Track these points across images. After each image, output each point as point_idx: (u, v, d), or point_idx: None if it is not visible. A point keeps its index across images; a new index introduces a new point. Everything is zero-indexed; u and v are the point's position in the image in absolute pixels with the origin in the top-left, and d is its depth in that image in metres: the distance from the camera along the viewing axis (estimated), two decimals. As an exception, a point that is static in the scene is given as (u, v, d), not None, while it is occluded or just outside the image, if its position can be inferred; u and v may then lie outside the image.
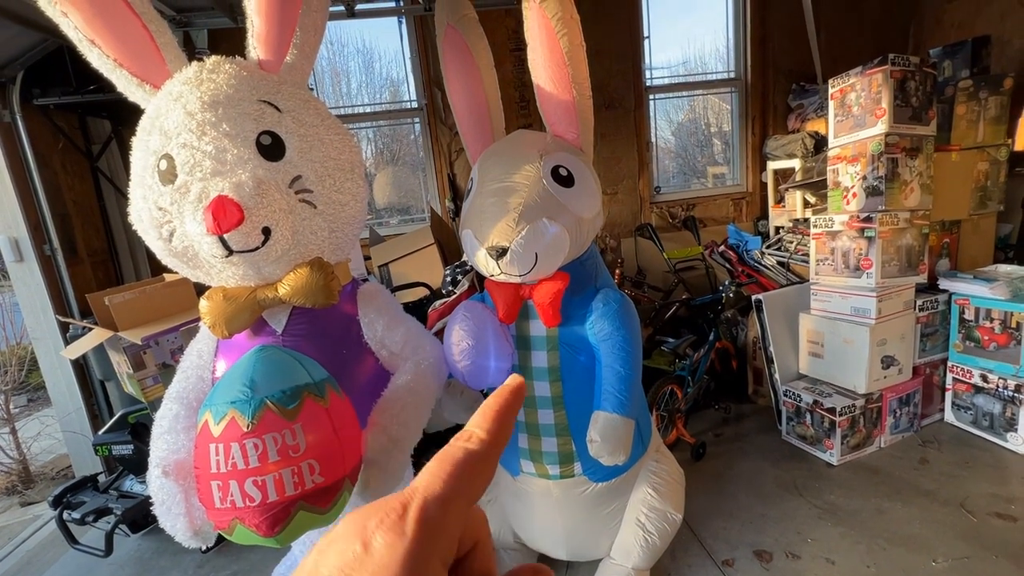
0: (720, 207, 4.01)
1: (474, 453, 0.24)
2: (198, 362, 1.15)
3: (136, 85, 1.04)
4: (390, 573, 0.19)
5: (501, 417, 0.25)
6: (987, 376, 2.13)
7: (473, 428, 0.25)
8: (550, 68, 1.21)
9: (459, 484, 0.22)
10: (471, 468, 0.23)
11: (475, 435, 0.25)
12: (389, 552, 0.20)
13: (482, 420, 0.25)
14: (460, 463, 0.23)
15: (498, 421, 0.25)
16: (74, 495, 1.97)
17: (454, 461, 0.23)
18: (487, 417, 0.25)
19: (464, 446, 0.24)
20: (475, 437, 0.24)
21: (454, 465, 0.23)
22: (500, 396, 0.26)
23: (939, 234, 2.34)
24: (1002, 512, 1.75)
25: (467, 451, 0.24)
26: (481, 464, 0.24)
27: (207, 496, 0.85)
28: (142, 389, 1.93)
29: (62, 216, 2.65)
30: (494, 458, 0.25)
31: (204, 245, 0.94)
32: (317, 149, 1.05)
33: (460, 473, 0.23)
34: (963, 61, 2.70)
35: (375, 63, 3.88)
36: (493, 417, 0.25)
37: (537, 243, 1.18)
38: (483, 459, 0.24)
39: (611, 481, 1.42)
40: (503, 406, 0.26)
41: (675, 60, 4.04)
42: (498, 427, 0.25)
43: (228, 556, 1.95)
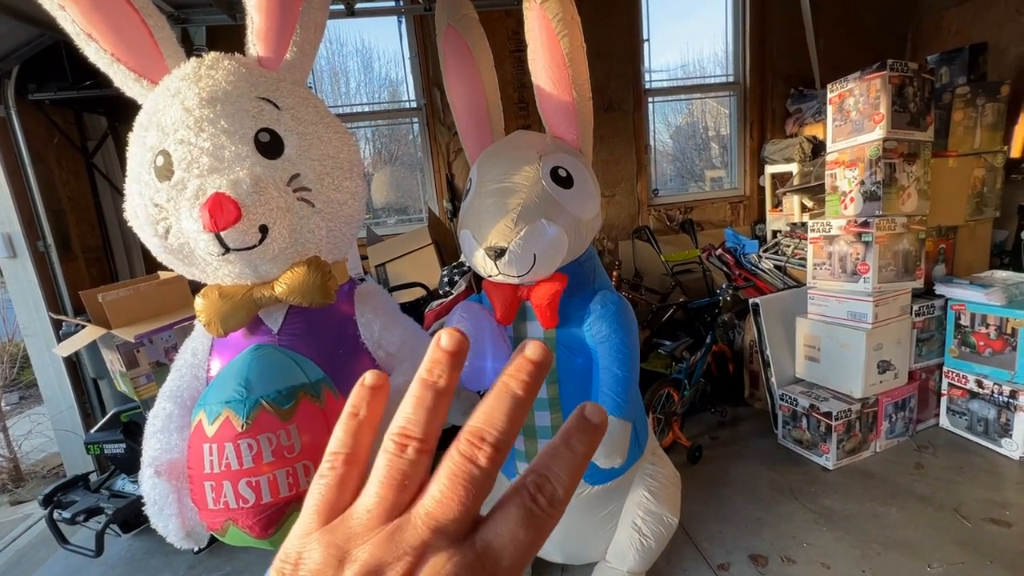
0: (718, 210, 4.02)
1: (555, 517, 0.24)
2: (192, 360, 1.14)
3: (133, 80, 1.03)
4: None
5: (580, 473, 0.25)
6: (982, 381, 2.14)
7: (557, 486, 0.24)
8: (550, 69, 1.20)
9: (535, 547, 0.23)
10: (550, 528, 0.24)
11: (558, 493, 0.24)
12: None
13: (566, 476, 0.24)
14: (545, 529, 0.23)
15: (578, 477, 0.25)
16: (65, 494, 1.95)
17: (541, 530, 0.23)
18: (572, 473, 0.25)
19: (549, 512, 0.24)
20: (559, 497, 0.24)
21: (539, 535, 0.23)
22: (583, 451, 0.25)
23: (936, 239, 2.35)
24: (996, 518, 1.75)
25: (552, 516, 0.24)
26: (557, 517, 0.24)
27: (200, 497, 0.84)
28: (135, 387, 1.91)
29: (56, 212, 2.63)
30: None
31: (200, 242, 0.93)
32: (316, 147, 1.04)
33: (541, 538, 0.23)
34: (960, 68, 2.72)
35: (374, 63, 3.87)
36: (575, 474, 0.25)
37: (536, 244, 1.17)
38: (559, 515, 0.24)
39: (607, 484, 1.41)
40: (583, 462, 0.25)
41: (674, 63, 4.05)
42: (576, 482, 0.25)
43: (220, 557, 1.93)
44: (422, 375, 0.26)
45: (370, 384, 0.28)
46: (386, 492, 0.24)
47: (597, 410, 0.26)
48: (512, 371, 0.25)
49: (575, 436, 0.25)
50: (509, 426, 0.24)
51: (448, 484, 0.23)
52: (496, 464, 0.24)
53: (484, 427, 0.24)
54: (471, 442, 0.24)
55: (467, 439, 0.24)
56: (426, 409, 0.25)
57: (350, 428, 0.27)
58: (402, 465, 0.24)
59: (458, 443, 0.24)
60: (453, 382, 0.26)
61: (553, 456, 0.24)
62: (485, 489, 0.23)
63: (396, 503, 0.24)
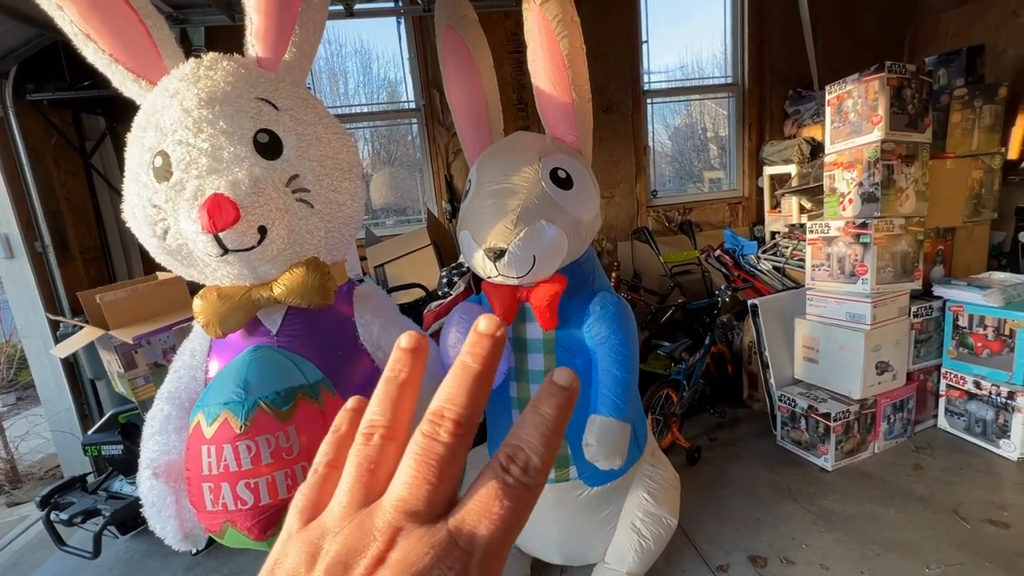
0: (717, 212, 4.03)
1: (534, 490, 0.23)
2: (190, 362, 1.13)
3: (132, 81, 1.03)
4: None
5: (557, 442, 0.24)
6: (980, 383, 2.14)
7: (531, 454, 0.23)
8: (550, 70, 1.20)
9: (517, 522, 0.23)
10: (530, 502, 0.23)
11: (531, 463, 0.23)
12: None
13: (539, 446, 0.24)
14: (522, 501, 0.23)
15: (555, 448, 0.24)
16: (62, 496, 1.95)
17: (516, 500, 0.23)
18: (546, 441, 0.24)
19: (523, 481, 0.23)
20: (531, 467, 0.23)
21: (516, 504, 0.23)
22: (558, 414, 0.25)
23: (934, 241, 2.35)
24: (995, 519, 1.75)
25: (528, 488, 0.23)
26: (536, 494, 0.23)
27: (198, 498, 0.84)
28: (133, 389, 1.90)
29: (54, 213, 2.62)
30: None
31: (199, 243, 0.93)
32: (315, 148, 1.04)
33: (521, 512, 0.23)
34: (958, 70, 2.73)
35: (373, 64, 3.87)
36: (551, 442, 0.24)
37: (535, 245, 1.17)
38: (539, 489, 0.24)
39: (606, 485, 1.41)
40: (560, 427, 0.25)
41: (673, 65, 4.06)
42: (553, 455, 0.24)
43: (218, 558, 1.93)
44: (385, 374, 0.27)
45: (352, 407, 0.30)
46: (355, 482, 0.24)
47: (565, 373, 0.25)
48: (467, 347, 0.26)
49: (544, 401, 0.24)
50: (469, 400, 0.24)
51: (413, 465, 0.23)
52: (460, 439, 0.23)
53: (444, 404, 0.24)
54: (432, 421, 0.24)
55: (429, 419, 0.24)
56: (390, 399, 0.26)
57: (332, 440, 0.29)
58: (369, 452, 0.25)
59: (421, 425, 0.24)
60: (415, 375, 0.27)
61: (523, 425, 0.24)
62: (452, 466, 0.23)
63: (367, 492, 0.24)
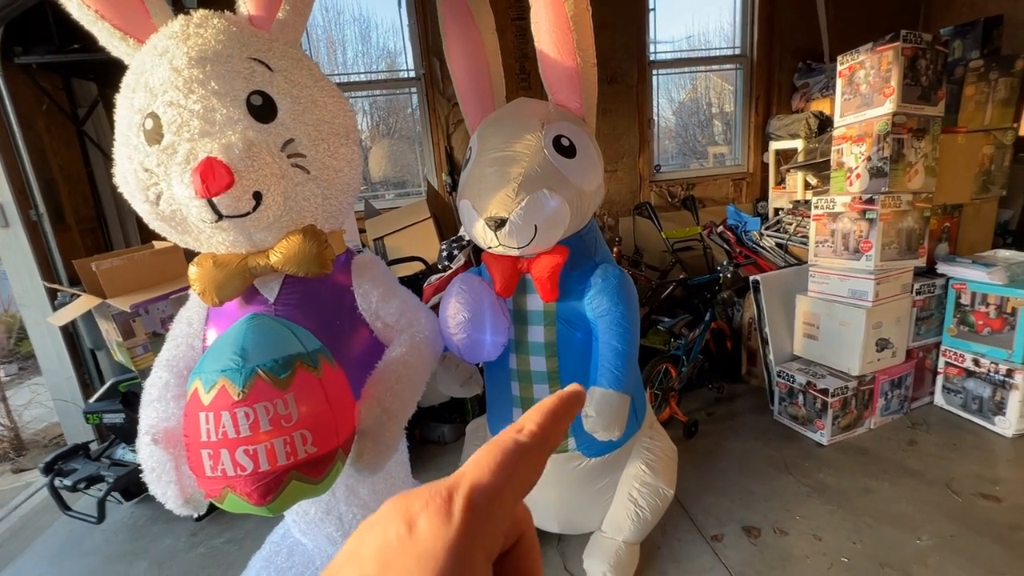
0: (720, 187, 3.98)
1: (524, 445, 0.23)
2: (188, 330, 1.12)
3: (119, 39, 0.99)
4: (433, 557, 0.18)
5: (556, 417, 0.25)
6: (979, 360, 2.15)
7: (526, 421, 0.24)
8: (554, 33, 1.16)
9: (508, 474, 0.21)
10: (520, 459, 0.22)
11: (527, 428, 0.23)
12: (433, 535, 0.19)
13: (536, 415, 0.24)
14: (510, 453, 0.22)
15: (552, 419, 0.24)
16: (65, 462, 1.97)
17: (504, 450, 0.22)
18: (542, 413, 0.24)
19: (515, 437, 0.23)
20: (526, 430, 0.23)
21: (504, 454, 0.22)
22: (558, 398, 0.26)
23: (940, 218, 2.32)
24: (987, 493, 1.78)
25: (517, 442, 0.23)
26: (531, 457, 0.23)
27: (197, 465, 0.84)
28: (132, 358, 1.91)
29: (48, 181, 2.58)
30: (544, 454, 0.23)
31: (192, 209, 0.91)
32: (311, 112, 1.00)
33: (509, 463, 0.22)
34: (974, 41, 2.64)
35: (372, 32, 3.76)
36: (547, 414, 0.24)
37: (537, 215, 1.15)
38: (533, 452, 0.23)
39: (605, 456, 1.42)
40: (559, 407, 0.25)
41: (679, 35, 3.94)
42: (552, 424, 0.24)
43: (221, 524, 1.96)
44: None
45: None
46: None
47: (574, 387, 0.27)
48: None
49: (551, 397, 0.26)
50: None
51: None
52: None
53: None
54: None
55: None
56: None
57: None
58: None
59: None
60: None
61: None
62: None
63: None
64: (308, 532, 1.25)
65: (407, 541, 0.19)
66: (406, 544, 0.19)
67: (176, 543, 1.91)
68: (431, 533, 0.19)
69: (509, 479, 0.21)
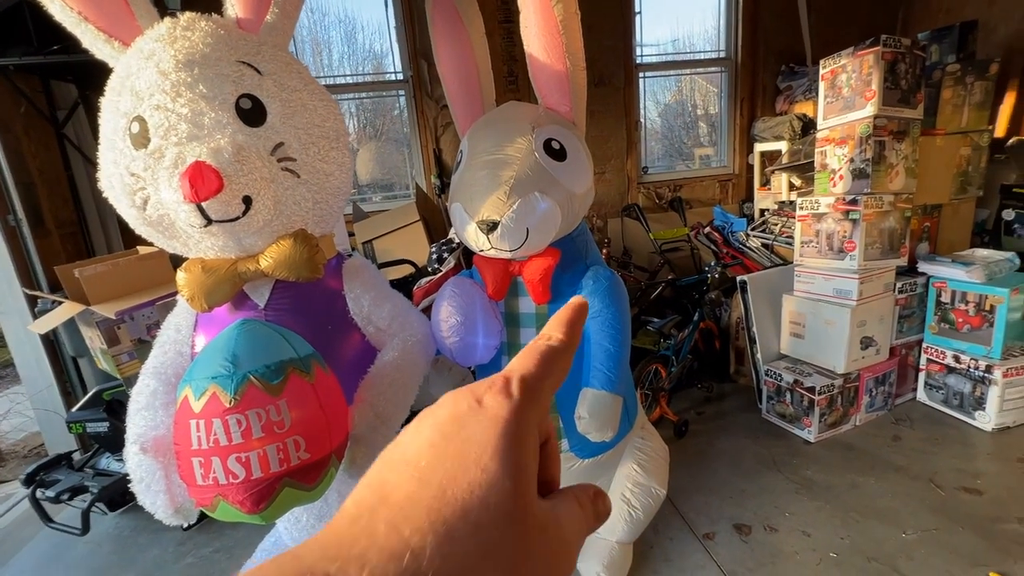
0: (707, 189, 4.02)
1: (555, 348, 0.27)
2: (176, 336, 1.11)
3: (103, 41, 0.97)
4: (501, 419, 0.23)
5: (572, 324, 0.29)
6: (960, 357, 2.20)
7: (551, 330, 0.28)
8: (543, 37, 1.17)
9: (548, 368, 0.26)
10: (554, 358, 0.27)
11: (554, 335, 0.28)
12: (498, 404, 0.23)
13: (558, 325, 0.28)
14: (546, 352, 0.27)
15: (571, 326, 0.29)
16: (47, 473, 1.92)
17: (540, 351, 0.27)
18: (562, 323, 0.29)
19: (546, 343, 0.27)
20: (555, 337, 0.28)
21: (542, 354, 0.26)
22: (570, 309, 0.30)
23: (920, 218, 2.37)
24: (968, 486, 1.82)
25: (550, 346, 0.27)
26: (561, 356, 0.27)
27: (188, 473, 0.82)
28: (117, 365, 1.87)
29: (26, 185, 2.52)
30: (570, 355, 0.28)
31: (181, 214, 0.90)
32: (300, 115, 1.00)
33: (546, 361, 0.26)
34: (950, 46, 2.72)
35: (358, 34, 3.74)
36: (567, 323, 0.29)
37: (529, 218, 1.15)
38: (562, 353, 0.27)
39: (598, 457, 1.43)
40: (572, 316, 0.29)
41: (665, 38, 3.98)
42: (572, 331, 0.28)
43: (210, 533, 1.93)
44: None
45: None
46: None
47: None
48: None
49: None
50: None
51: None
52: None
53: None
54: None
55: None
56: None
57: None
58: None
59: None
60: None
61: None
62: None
63: None
64: (300, 539, 1.24)
65: (477, 409, 0.23)
66: (476, 411, 0.23)
67: (163, 553, 1.87)
68: (496, 403, 0.23)
69: (548, 372, 0.26)
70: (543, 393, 0.25)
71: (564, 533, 0.24)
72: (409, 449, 0.23)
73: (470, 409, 0.23)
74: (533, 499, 0.23)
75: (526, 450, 0.23)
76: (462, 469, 0.21)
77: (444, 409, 0.24)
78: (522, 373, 0.25)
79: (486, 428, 0.22)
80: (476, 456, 0.21)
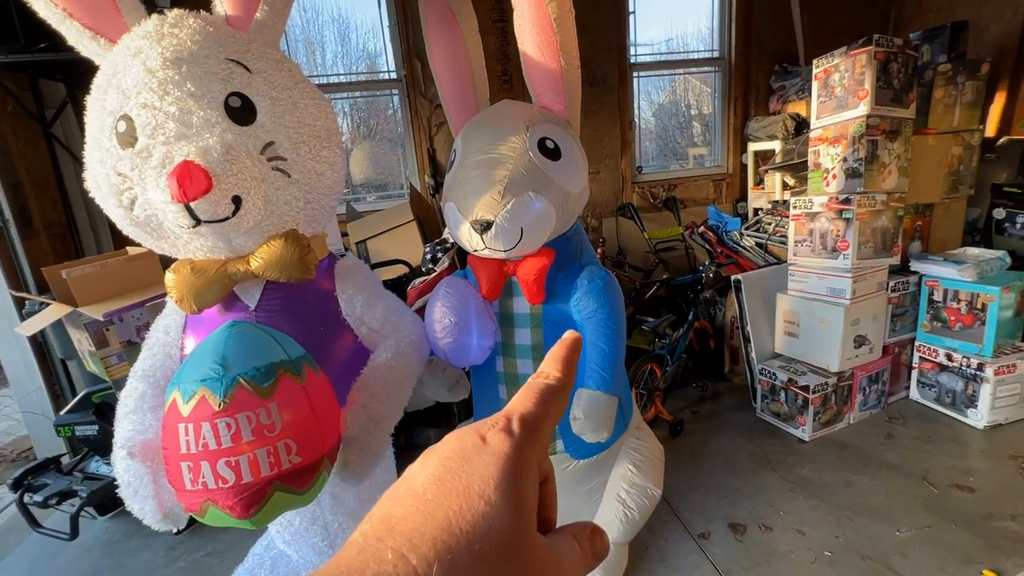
0: (701, 188, 4.03)
1: (553, 386, 0.28)
2: (165, 339, 1.09)
3: (89, 38, 0.95)
4: (504, 456, 0.24)
5: (568, 361, 0.30)
6: (952, 355, 2.21)
7: (547, 368, 0.29)
8: (537, 35, 1.16)
9: (546, 407, 0.27)
10: (551, 397, 0.28)
11: (551, 374, 0.29)
12: (501, 442, 0.24)
13: (554, 363, 0.29)
14: (544, 391, 0.27)
15: (566, 362, 0.30)
16: (36, 477, 1.90)
17: (539, 390, 0.28)
18: (557, 359, 0.30)
19: (544, 381, 0.28)
20: (552, 375, 0.29)
21: (539, 393, 0.27)
22: (564, 346, 0.30)
23: (912, 217, 2.38)
24: (961, 484, 1.83)
25: (548, 384, 0.28)
26: (558, 394, 0.28)
27: (177, 477, 0.81)
28: (106, 368, 1.84)
29: (14, 185, 2.49)
30: (567, 393, 0.29)
31: (169, 214, 0.88)
32: (291, 114, 0.98)
33: (544, 400, 0.27)
34: (941, 46, 2.73)
35: (351, 33, 3.72)
36: (562, 360, 0.30)
37: (523, 217, 1.15)
38: (560, 391, 0.28)
39: (593, 458, 1.42)
40: (568, 352, 0.30)
41: (659, 38, 3.99)
42: (567, 367, 0.29)
43: (202, 537, 1.91)
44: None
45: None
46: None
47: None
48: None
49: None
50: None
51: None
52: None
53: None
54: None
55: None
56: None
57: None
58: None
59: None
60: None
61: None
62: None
63: None
64: (293, 543, 1.23)
65: (481, 446, 0.24)
66: (480, 448, 0.24)
67: (154, 558, 1.85)
68: (499, 440, 0.24)
69: (547, 410, 0.27)
70: (543, 431, 0.26)
71: (563, 570, 0.25)
72: (416, 483, 0.23)
73: (474, 446, 0.24)
74: (533, 533, 0.24)
75: (527, 485, 0.24)
76: (467, 502, 0.22)
77: (449, 446, 0.25)
78: (522, 412, 0.26)
79: (489, 464, 0.23)
80: (480, 490, 0.22)
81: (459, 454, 0.24)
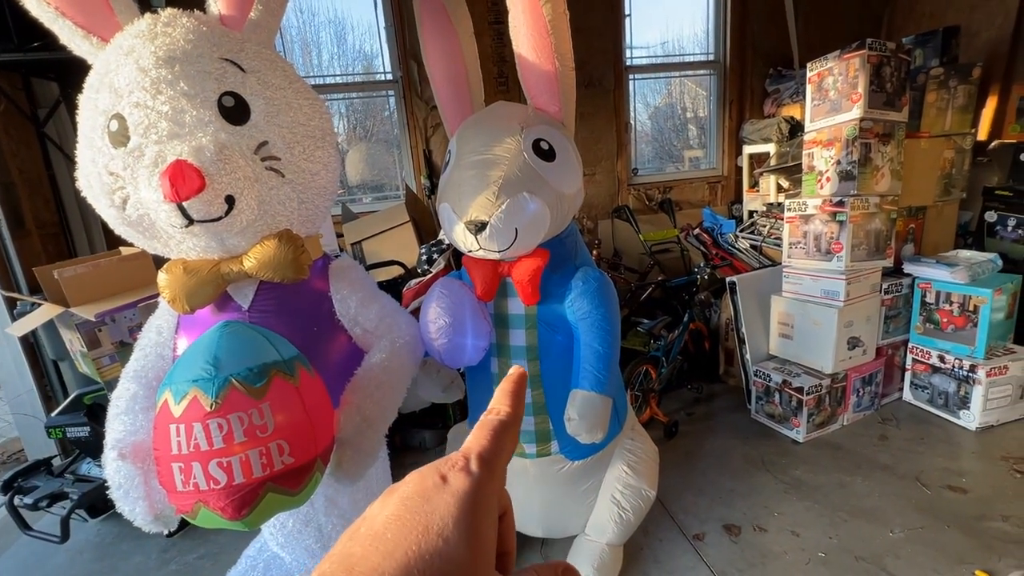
0: (696, 190, 4.05)
1: (504, 422, 0.29)
2: (157, 339, 1.09)
3: (81, 37, 0.95)
4: (464, 495, 0.24)
5: (516, 395, 0.31)
6: (944, 356, 2.22)
7: (497, 405, 0.30)
8: (532, 37, 1.16)
9: (500, 444, 0.28)
10: (504, 432, 0.28)
11: (502, 410, 0.30)
12: (461, 481, 0.25)
13: (503, 398, 0.30)
14: (497, 428, 0.28)
15: (514, 397, 0.31)
16: (26, 479, 1.88)
17: (492, 427, 0.28)
18: (505, 395, 0.31)
19: (496, 418, 0.29)
20: (502, 412, 0.30)
21: (493, 430, 0.28)
22: (510, 380, 0.32)
23: (905, 219, 2.40)
24: (954, 485, 1.84)
25: (500, 420, 0.29)
26: (509, 429, 0.29)
27: (168, 479, 0.80)
28: (98, 369, 1.83)
29: (6, 185, 2.47)
30: (517, 427, 0.30)
31: (161, 213, 0.88)
32: (285, 114, 0.98)
33: (498, 436, 0.28)
34: (934, 50, 2.76)
35: (347, 34, 3.72)
36: (511, 396, 0.31)
37: (517, 218, 1.15)
38: (511, 425, 0.29)
39: (587, 459, 1.42)
40: (514, 387, 0.31)
41: (655, 41, 4.01)
42: (516, 401, 0.30)
43: (194, 539, 1.90)
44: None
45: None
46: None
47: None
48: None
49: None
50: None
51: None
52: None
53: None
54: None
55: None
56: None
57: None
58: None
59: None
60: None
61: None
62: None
63: None
64: (286, 545, 1.22)
65: (441, 486, 0.25)
66: (440, 488, 0.25)
67: (146, 561, 1.83)
68: (458, 479, 0.25)
69: (501, 446, 0.28)
70: (500, 466, 0.27)
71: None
72: (376, 523, 0.24)
73: (434, 486, 0.25)
74: (491, 570, 0.24)
75: (486, 521, 0.25)
76: (425, 541, 0.22)
77: (410, 486, 0.25)
78: (479, 450, 0.27)
79: (450, 503, 0.24)
80: (439, 528, 0.23)
81: (420, 494, 0.24)
